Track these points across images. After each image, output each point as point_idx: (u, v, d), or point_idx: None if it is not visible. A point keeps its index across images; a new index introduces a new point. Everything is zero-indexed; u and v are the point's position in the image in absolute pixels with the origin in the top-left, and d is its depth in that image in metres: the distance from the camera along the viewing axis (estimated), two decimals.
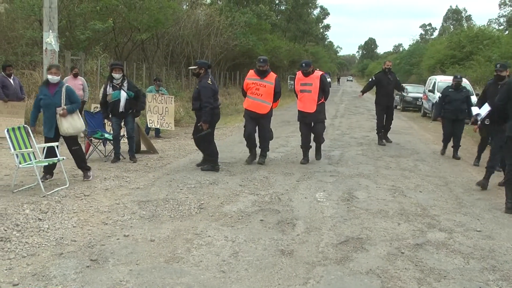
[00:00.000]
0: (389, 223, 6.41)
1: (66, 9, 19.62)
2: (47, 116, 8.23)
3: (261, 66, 10.01)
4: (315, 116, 10.29)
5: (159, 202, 7.06)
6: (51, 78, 8.20)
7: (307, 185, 8.39)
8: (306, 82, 10.23)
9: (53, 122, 8.20)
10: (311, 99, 10.15)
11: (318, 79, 10.17)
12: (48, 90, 8.22)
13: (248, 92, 10.11)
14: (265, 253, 5.25)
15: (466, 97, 11.85)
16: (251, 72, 10.39)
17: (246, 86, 10.21)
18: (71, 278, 4.48)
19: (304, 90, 10.28)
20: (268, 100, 9.98)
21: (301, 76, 10.35)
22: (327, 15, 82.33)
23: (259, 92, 9.94)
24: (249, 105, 10.07)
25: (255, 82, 10.00)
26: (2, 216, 6.15)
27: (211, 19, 32.66)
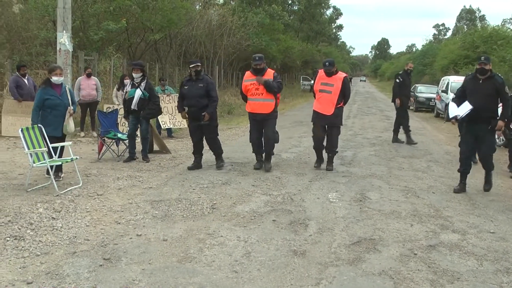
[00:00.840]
0: (401, 224, 6.38)
1: (80, 9, 19.73)
2: (54, 115, 8.21)
3: (258, 64, 9.38)
4: (331, 119, 9.57)
5: (172, 202, 7.08)
6: (56, 79, 8.25)
7: (319, 186, 8.37)
8: (328, 82, 9.51)
9: (61, 122, 8.29)
10: (329, 100, 9.48)
11: (341, 81, 9.48)
12: (54, 90, 8.24)
13: (248, 95, 9.56)
14: (278, 253, 5.24)
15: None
16: (247, 73, 9.77)
17: (244, 89, 9.65)
18: (84, 277, 4.50)
19: (323, 90, 9.59)
20: (270, 97, 9.37)
21: (323, 75, 9.66)
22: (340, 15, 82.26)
23: (259, 92, 9.36)
24: (252, 107, 9.50)
25: (253, 83, 9.42)
26: (16, 214, 6.20)
27: (224, 19, 32.70)
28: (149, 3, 22.39)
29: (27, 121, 11.97)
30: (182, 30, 27.62)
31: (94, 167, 9.39)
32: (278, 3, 46.55)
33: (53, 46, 17.43)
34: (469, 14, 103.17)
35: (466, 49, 38.93)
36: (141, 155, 10.29)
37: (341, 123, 9.94)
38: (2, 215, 6.15)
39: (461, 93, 8.51)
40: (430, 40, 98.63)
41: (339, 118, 9.72)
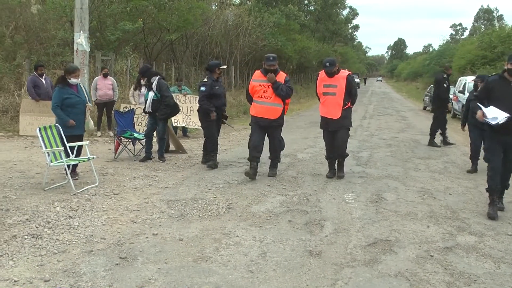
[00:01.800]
0: (418, 225, 6.34)
1: (97, 10, 19.85)
2: (75, 113, 8.28)
3: (272, 65, 8.73)
4: (340, 122, 8.79)
5: (188, 202, 7.10)
6: (74, 81, 8.32)
7: (335, 186, 8.34)
8: (330, 83, 8.72)
9: (82, 119, 8.45)
10: (335, 103, 8.70)
11: (344, 79, 8.66)
12: (72, 89, 8.31)
13: (254, 96, 8.89)
14: (293, 253, 5.24)
15: None
16: (257, 73, 9.15)
17: (251, 89, 8.96)
18: (101, 275, 4.53)
19: (327, 93, 8.80)
20: (278, 102, 8.72)
21: (324, 77, 8.86)
22: (356, 15, 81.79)
23: (267, 95, 8.70)
24: (257, 111, 8.81)
25: (262, 84, 8.77)
26: (34, 213, 6.26)
27: (240, 19, 32.73)
28: (165, 4, 22.48)
29: (44, 121, 12.13)
30: (198, 30, 27.67)
31: (111, 167, 9.44)
32: (294, 3, 46.52)
33: (70, 46, 17.56)
34: (487, 13, 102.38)
35: (484, 49, 38.59)
36: (157, 155, 10.32)
37: (350, 124, 9.09)
38: (20, 214, 6.22)
39: (485, 95, 7.08)
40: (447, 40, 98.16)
41: (347, 119, 8.89)
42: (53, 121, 11.70)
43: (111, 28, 19.98)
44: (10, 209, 6.42)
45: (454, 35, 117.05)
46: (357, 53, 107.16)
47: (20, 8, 19.18)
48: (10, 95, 15.33)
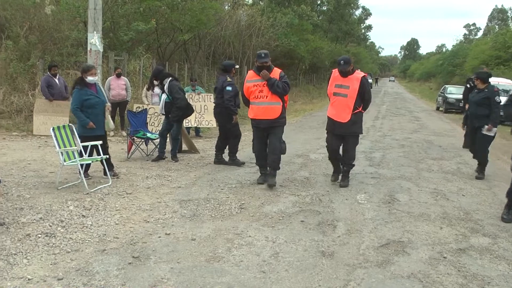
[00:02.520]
0: (431, 226, 6.31)
1: (110, 10, 19.91)
2: (95, 114, 8.24)
3: (264, 62, 8.11)
4: (348, 127, 8.14)
5: (200, 202, 7.11)
6: (91, 79, 8.24)
7: (348, 187, 8.32)
8: (343, 84, 8.09)
9: (102, 119, 8.42)
10: (345, 105, 8.06)
11: (358, 81, 8.00)
12: (91, 90, 8.28)
13: (251, 98, 8.32)
14: (306, 254, 5.23)
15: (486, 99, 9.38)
16: (250, 73, 8.53)
17: (247, 90, 8.36)
18: (114, 274, 4.55)
19: (338, 94, 8.16)
20: (276, 100, 8.15)
21: (337, 76, 8.23)
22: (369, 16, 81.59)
23: (263, 94, 8.15)
24: (256, 113, 8.26)
25: (257, 84, 8.20)
26: (48, 212, 6.30)
27: (252, 19, 32.71)
28: (178, 4, 22.51)
29: (58, 120, 12.22)
30: (211, 30, 27.70)
31: (124, 166, 9.48)
32: (307, 4, 46.47)
33: (83, 47, 17.63)
34: (501, 13, 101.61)
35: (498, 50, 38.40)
36: (170, 155, 10.35)
37: (360, 131, 8.41)
38: (34, 212, 6.26)
39: None
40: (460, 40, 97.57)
41: (357, 125, 8.23)
42: (66, 121, 11.82)
43: (124, 29, 20.04)
44: (24, 208, 6.47)
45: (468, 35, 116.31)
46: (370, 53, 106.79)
47: (35, 9, 19.29)
48: (24, 95, 15.44)
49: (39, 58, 17.16)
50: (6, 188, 7.46)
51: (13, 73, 16.20)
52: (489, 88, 9.46)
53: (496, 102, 9.20)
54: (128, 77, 16.85)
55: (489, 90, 9.39)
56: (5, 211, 6.34)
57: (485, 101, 9.30)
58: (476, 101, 9.48)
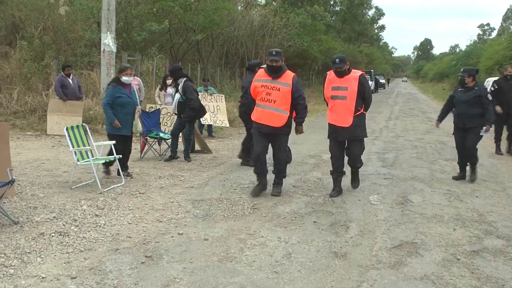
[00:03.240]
0: (444, 228, 6.27)
1: (124, 11, 20.03)
2: (124, 113, 8.34)
3: (274, 60, 7.31)
4: (351, 131, 7.59)
5: (213, 202, 7.12)
6: (126, 79, 8.38)
7: (361, 188, 8.29)
8: (340, 85, 7.49)
9: (131, 120, 8.49)
10: (345, 108, 7.48)
11: (356, 81, 7.43)
12: (125, 89, 8.40)
13: (257, 99, 7.60)
14: (318, 254, 5.22)
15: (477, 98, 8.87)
16: (260, 72, 7.78)
17: (253, 90, 7.65)
18: (127, 274, 4.56)
19: (336, 96, 7.55)
20: (283, 107, 7.36)
21: (333, 78, 7.63)
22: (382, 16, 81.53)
23: (271, 98, 7.36)
24: (259, 116, 7.53)
25: (265, 85, 7.43)
26: (61, 211, 6.34)
27: (265, 20, 32.74)
28: (191, 4, 22.59)
29: (71, 120, 12.30)
30: (224, 30, 27.76)
31: (137, 166, 9.51)
32: (320, 4, 46.40)
33: (97, 47, 17.74)
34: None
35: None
36: (183, 155, 10.37)
37: (365, 134, 7.87)
38: (48, 211, 6.31)
39: None
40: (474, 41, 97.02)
41: (360, 128, 7.70)
42: (79, 121, 11.89)
43: (138, 29, 20.14)
44: (38, 207, 6.52)
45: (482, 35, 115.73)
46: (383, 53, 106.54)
47: (49, 9, 19.47)
48: (38, 94, 15.56)
49: (53, 58, 17.30)
50: (20, 187, 7.51)
51: (27, 73, 16.34)
52: (479, 86, 8.98)
53: (488, 100, 8.84)
54: (141, 77, 16.92)
55: (479, 88, 8.90)
56: (19, 210, 6.40)
57: (477, 100, 8.81)
58: (466, 100, 8.89)
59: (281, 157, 7.75)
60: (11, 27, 18.79)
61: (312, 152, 11.62)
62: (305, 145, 12.84)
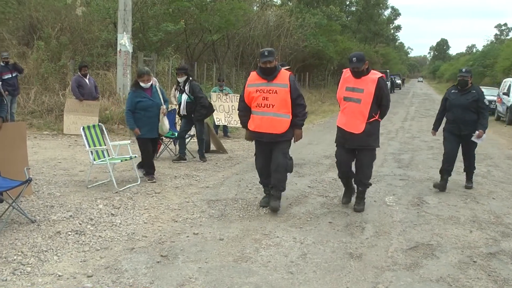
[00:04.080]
0: (460, 230, 6.22)
1: (140, 11, 20.11)
2: (148, 117, 8.21)
3: (269, 61, 6.48)
4: (362, 139, 6.72)
5: (228, 202, 7.12)
6: (144, 85, 8.22)
7: (376, 189, 8.25)
8: (356, 86, 6.67)
9: (156, 122, 8.36)
10: (358, 112, 6.66)
11: (374, 83, 6.58)
12: (145, 92, 8.26)
13: (252, 106, 6.71)
14: (334, 255, 5.20)
15: (474, 102, 8.14)
16: (252, 75, 6.82)
17: (248, 97, 6.72)
18: (142, 273, 4.58)
19: (350, 98, 6.73)
20: (284, 111, 6.55)
21: (348, 77, 6.83)
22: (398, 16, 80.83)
23: (268, 103, 6.53)
24: (258, 124, 6.68)
25: (260, 89, 6.57)
26: (77, 210, 6.39)
27: (281, 20, 32.73)
28: (207, 5, 22.64)
29: (87, 120, 12.37)
30: (239, 31, 27.79)
31: None
32: (336, 4, 46.29)
33: (113, 47, 17.83)
34: None
35: None
36: (198, 155, 10.39)
37: (377, 144, 6.96)
38: (64, 210, 6.35)
39: None
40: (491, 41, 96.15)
41: (373, 137, 6.81)
42: (96, 121, 11.96)
43: (154, 29, 20.22)
44: (54, 206, 6.57)
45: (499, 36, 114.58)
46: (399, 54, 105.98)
47: (66, 10, 19.61)
48: (55, 94, 15.70)
49: (69, 58, 17.43)
50: (37, 186, 7.58)
51: (44, 73, 16.48)
52: (476, 89, 8.24)
53: (485, 104, 8.20)
54: (157, 77, 16.97)
55: (477, 91, 8.15)
56: (36, 208, 6.45)
57: (474, 104, 8.08)
58: (464, 104, 8.12)
59: (281, 163, 6.72)
60: (28, 28, 18.95)
61: (328, 152, 11.59)
62: (320, 146, 12.82)
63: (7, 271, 4.51)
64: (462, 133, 8.22)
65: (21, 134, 7.07)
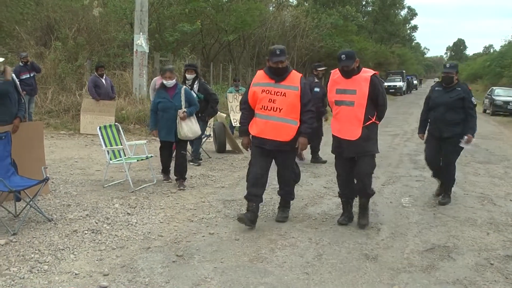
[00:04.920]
0: (477, 232, 6.16)
1: (156, 12, 20.20)
2: (166, 119, 7.88)
3: (280, 61, 5.88)
4: (360, 146, 5.98)
5: (244, 202, 7.06)
6: (166, 83, 7.92)
7: (392, 190, 8.22)
8: (346, 88, 5.97)
9: (173, 126, 7.87)
10: (352, 117, 5.95)
11: (367, 82, 5.89)
12: (167, 93, 7.95)
13: (256, 108, 6.02)
14: (349, 256, 5.18)
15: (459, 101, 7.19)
16: (259, 74, 6.18)
17: (252, 97, 6.05)
18: (158, 272, 4.59)
19: (341, 102, 6.01)
20: (292, 116, 5.88)
21: (338, 78, 6.12)
22: (414, 16, 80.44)
23: (275, 106, 5.85)
24: (262, 129, 5.95)
25: (267, 89, 5.91)
26: (94, 209, 6.43)
27: (297, 20, 32.70)
28: (223, 5, 22.68)
29: (104, 119, 12.43)
30: (255, 31, 27.81)
31: None
32: (352, 4, 46.16)
33: (130, 48, 17.93)
34: None
35: None
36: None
37: (376, 149, 6.23)
38: (81, 209, 6.40)
39: None
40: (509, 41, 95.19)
41: (371, 142, 6.09)
42: (112, 121, 12.02)
43: (170, 30, 20.31)
44: (71, 205, 6.62)
45: None
46: (415, 54, 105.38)
47: (83, 11, 19.76)
48: (72, 94, 15.82)
49: (86, 59, 17.55)
50: (54, 185, 7.64)
51: (61, 73, 16.60)
52: (462, 86, 7.28)
53: (473, 104, 7.22)
54: None
55: (462, 89, 7.20)
56: (53, 207, 6.51)
57: (459, 103, 7.15)
58: (447, 102, 7.21)
59: (288, 177, 6.32)
60: (46, 28, 19.11)
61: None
62: None
63: (25, 269, 4.55)
64: (443, 135, 7.22)
65: (39, 134, 7.14)
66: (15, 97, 6.63)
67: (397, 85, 47.51)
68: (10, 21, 19.24)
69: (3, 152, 6.00)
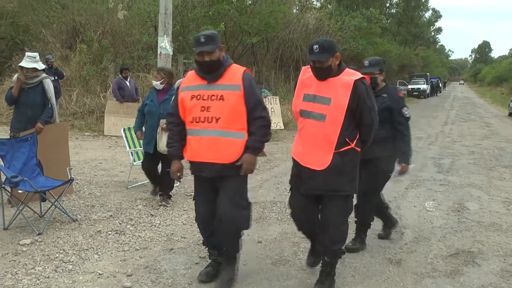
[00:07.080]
0: (502, 237, 6.09)
1: (180, 14, 20.27)
2: (148, 125, 6.87)
3: (207, 52, 4.05)
4: (328, 180, 4.13)
5: (267, 204, 7.12)
6: (154, 84, 6.98)
7: (416, 193, 8.15)
8: (318, 93, 4.13)
9: (153, 135, 6.74)
10: (321, 137, 4.11)
11: (348, 89, 4.02)
12: (156, 95, 6.90)
13: (187, 121, 4.26)
14: (372, 260, 5.16)
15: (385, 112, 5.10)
16: (189, 74, 4.48)
17: (181, 105, 4.29)
18: (181, 273, 4.62)
19: (308, 113, 4.18)
20: (235, 128, 4.14)
21: (308, 78, 4.28)
22: (439, 18, 79.61)
23: (210, 115, 4.09)
24: (195, 151, 4.22)
25: (198, 94, 4.18)
26: (118, 210, 6.49)
27: (320, 23, 32.55)
28: (247, 8, 22.71)
29: (128, 121, 12.52)
30: (279, 33, 27.77)
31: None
32: (375, 7, 45.90)
33: (153, 50, 18.01)
34: None
35: None
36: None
37: (353, 189, 4.25)
38: (105, 210, 6.46)
39: None
40: None
41: (345, 177, 4.17)
42: None
43: (194, 32, 20.35)
44: (95, 206, 6.68)
45: None
46: (439, 56, 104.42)
47: (108, 14, 19.94)
48: (96, 96, 15.98)
49: (111, 61, 17.69)
50: (79, 186, 7.71)
51: (86, 75, 16.77)
52: (388, 91, 5.32)
53: (404, 117, 5.22)
54: None
55: (389, 95, 5.26)
56: (78, 208, 6.58)
57: (384, 114, 5.03)
58: None
59: (229, 216, 4.21)
60: (71, 31, 19.31)
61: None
62: None
63: (50, 268, 4.61)
64: (367, 156, 4.67)
65: (64, 135, 7.22)
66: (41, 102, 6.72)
67: (420, 87, 47.15)
68: (37, 24, 19.52)
69: (29, 153, 6.10)
